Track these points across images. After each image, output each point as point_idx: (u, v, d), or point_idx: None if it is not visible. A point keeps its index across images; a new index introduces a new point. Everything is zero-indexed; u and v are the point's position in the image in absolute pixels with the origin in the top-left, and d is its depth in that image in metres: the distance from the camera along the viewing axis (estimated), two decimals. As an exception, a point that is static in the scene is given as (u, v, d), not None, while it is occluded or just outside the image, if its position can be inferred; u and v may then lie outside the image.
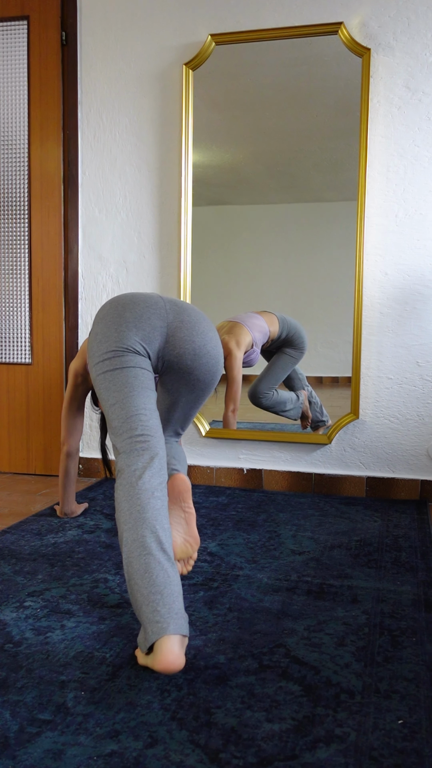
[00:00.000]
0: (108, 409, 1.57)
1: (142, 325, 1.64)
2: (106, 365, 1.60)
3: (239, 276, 2.94)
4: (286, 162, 2.81)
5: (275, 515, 2.40)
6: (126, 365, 1.59)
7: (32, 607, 1.60)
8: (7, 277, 3.05)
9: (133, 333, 1.62)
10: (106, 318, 1.67)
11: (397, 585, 1.76)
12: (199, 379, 1.73)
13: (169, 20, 2.75)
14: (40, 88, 2.92)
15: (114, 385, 1.57)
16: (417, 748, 1.08)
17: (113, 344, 1.61)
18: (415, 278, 2.59)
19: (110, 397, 1.57)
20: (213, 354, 1.73)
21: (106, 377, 1.59)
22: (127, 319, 1.64)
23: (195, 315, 1.74)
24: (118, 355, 1.60)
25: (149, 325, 1.65)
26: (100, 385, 1.60)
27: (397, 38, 2.53)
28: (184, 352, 1.68)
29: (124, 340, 1.61)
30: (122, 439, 1.52)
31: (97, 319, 1.71)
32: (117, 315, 1.65)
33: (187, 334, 1.68)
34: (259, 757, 1.05)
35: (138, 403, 1.55)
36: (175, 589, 1.33)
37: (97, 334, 1.66)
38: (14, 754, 1.05)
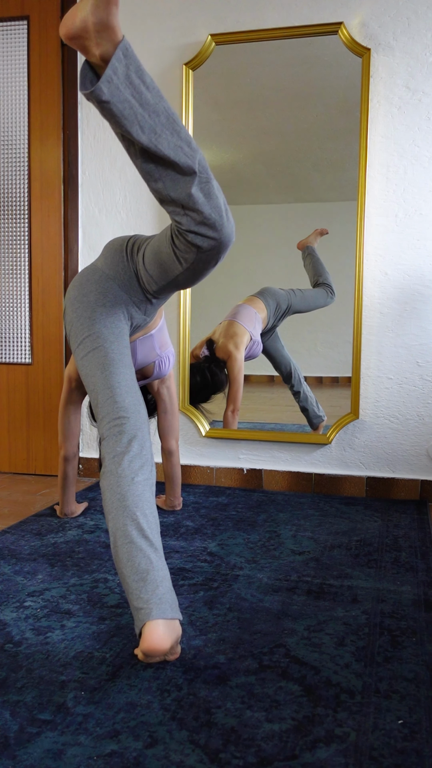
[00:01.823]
0: (91, 395, 1.62)
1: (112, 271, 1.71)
2: (84, 347, 1.65)
3: (239, 276, 2.94)
4: (286, 162, 2.81)
5: (275, 515, 2.40)
6: (100, 342, 1.63)
7: (32, 607, 1.60)
8: (7, 277, 3.05)
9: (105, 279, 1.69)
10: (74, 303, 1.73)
11: (397, 585, 1.76)
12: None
13: (169, 20, 2.75)
14: (40, 88, 2.92)
15: (91, 370, 1.62)
16: (417, 748, 1.08)
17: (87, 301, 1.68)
18: (415, 278, 2.59)
19: (89, 383, 1.63)
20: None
21: (84, 361, 1.65)
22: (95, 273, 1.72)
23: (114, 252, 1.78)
24: (86, 330, 1.65)
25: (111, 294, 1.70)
26: (82, 371, 1.66)
27: (397, 38, 2.53)
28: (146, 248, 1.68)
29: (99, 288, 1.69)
30: (102, 425, 1.56)
31: (67, 304, 1.76)
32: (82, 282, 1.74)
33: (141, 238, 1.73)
34: (259, 757, 1.05)
35: (113, 382, 1.58)
36: (159, 574, 1.35)
37: (67, 303, 1.74)
38: (14, 754, 1.05)
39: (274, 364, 2.85)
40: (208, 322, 2.83)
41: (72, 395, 2.24)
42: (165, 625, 1.28)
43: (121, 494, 1.43)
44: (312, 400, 2.80)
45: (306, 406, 2.80)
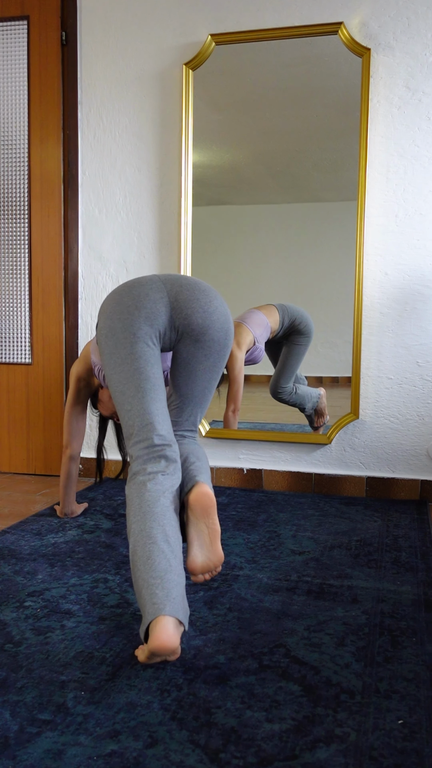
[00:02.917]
0: (123, 413, 1.59)
1: (144, 303, 1.62)
2: (116, 361, 1.60)
3: (239, 276, 2.94)
4: (286, 162, 2.81)
5: (275, 515, 2.40)
6: (136, 360, 1.58)
7: (32, 607, 1.60)
8: (7, 277, 3.05)
9: (136, 316, 1.61)
10: (108, 310, 1.66)
11: (397, 585, 1.76)
12: (213, 338, 1.67)
13: (169, 20, 2.75)
14: (40, 88, 2.92)
15: (128, 389, 1.58)
16: (417, 748, 1.08)
17: (120, 336, 1.60)
18: (415, 278, 2.59)
19: (125, 402, 1.58)
20: (221, 310, 1.70)
21: (119, 377, 1.59)
22: (128, 305, 1.62)
23: (193, 279, 1.74)
24: (128, 348, 1.59)
25: (150, 301, 1.63)
26: (114, 386, 1.61)
27: (397, 38, 2.53)
28: (192, 311, 1.65)
29: (130, 327, 1.60)
30: (139, 447, 1.55)
31: (101, 314, 1.69)
32: (117, 303, 1.64)
33: (190, 294, 1.66)
34: (259, 757, 1.05)
35: (152, 409, 1.57)
36: (176, 579, 1.35)
37: (102, 329, 1.65)
38: (14, 754, 1.05)
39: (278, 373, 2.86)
40: (208, 322, 2.83)
41: (80, 395, 2.23)
42: (175, 625, 1.28)
43: (152, 501, 1.46)
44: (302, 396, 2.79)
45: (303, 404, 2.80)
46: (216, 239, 2.93)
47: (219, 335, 1.68)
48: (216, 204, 2.92)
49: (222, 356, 1.72)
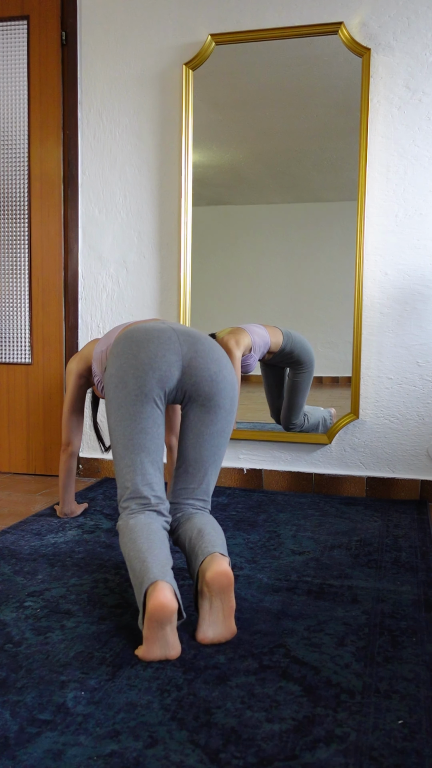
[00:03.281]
0: (122, 467, 1.65)
1: (159, 364, 1.65)
2: (123, 416, 1.64)
3: (239, 276, 2.94)
4: (286, 162, 2.81)
5: (275, 515, 2.40)
6: (144, 420, 1.63)
7: (32, 607, 1.60)
8: (7, 277, 3.05)
9: (150, 376, 1.64)
10: (122, 358, 1.67)
11: (397, 585, 1.76)
12: (219, 405, 1.71)
13: (169, 20, 2.75)
14: (40, 88, 2.92)
15: (130, 446, 1.63)
16: (417, 748, 1.08)
17: (132, 392, 1.63)
18: (415, 278, 2.60)
19: (125, 458, 1.64)
20: (230, 380, 1.74)
21: (123, 432, 1.64)
22: (143, 362, 1.64)
23: (208, 343, 1.74)
24: (137, 406, 1.63)
25: (165, 363, 1.65)
26: (117, 440, 1.66)
27: (397, 38, 2.53)
28: (201, 379, 1.68)
29: (142, 387, 1.63)
30: (134, 502, 1.62)
31: (113, 357, 1.70)
32: (132, 356, 1.65)
33: (203, 362, 1.69)
34: (259, 757, 1.05)
35: (152, 470, 1.64)
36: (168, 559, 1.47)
37: (112, 377, 1.67)
38: (14, 754, 1.05)
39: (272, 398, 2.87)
40: (208, 321, 2.83)
41: (79, 392, 2.24)
42: (172, 592, 1.36)
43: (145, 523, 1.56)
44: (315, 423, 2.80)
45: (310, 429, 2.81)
46: (216, 239, 2.93)
47: (225, 402, 1.72)
48: (216, 204, 2.92)
49: (228, 423, 1.75)
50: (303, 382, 2.78)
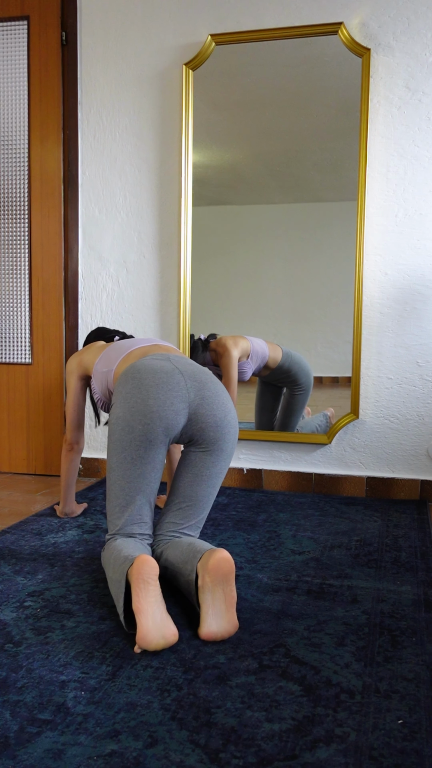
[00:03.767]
0: (115, 505, 1.68)
1: (166, 413, 1.66)
2: (125, 459, 1.66)
3: (239, 276, 2.94)
4: (286, 162, 2.81)
5: (275, 515, 2.40)
6: (145, 465, 1.66)
7: (32, 607, 1.60)
8: (7, 277, 3.05)
9: (157, 424, 1.65)
10: (129, 402, 1.67)
11: (397, 585, 1.76)
12: (223, 449, 1.74)
13: (169, 20, 2.75)
14: (40, 88, 2.92)
15: (128, 487, 1.67)
16: (417, 748, 1.08)
17: (138, 437, 1.65)
18: (415, 278, 2.60)
19: (121, 498, 1.67)
20: (233, 424, 1.77)
21: (123, 473, 1.67)
22: (152, 409, 1.65)
23: (214, 388, 1.75)
24: (140, 451, 1.65)
25: (173, 412, 1.66)
26: (114, 479, 1.68)
27: (397, 38, 2.53)
28: (206, 426, 1.71)
29: (149, 434, 1.65)
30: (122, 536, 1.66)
31: (120, 398, 1.70)
32: (141, 402, 1.66)
33: (209, 409, 1.71)
34: (259, 757, 1.05)
35: (145, 510, 1.68)
36: None
37: (119, 420, 1.67)
38: (14, 754, 1.05)
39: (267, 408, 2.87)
40: (208, 321, 2.83)
41: (81, 391, 2.22)
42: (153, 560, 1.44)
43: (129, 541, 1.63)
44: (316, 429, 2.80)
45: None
46: (216, 239, 2.93)
47: (227, 446, 1.75)
48: (216, 204, 2.92)
49: (227, 464, 1.78)
50: (299, 403, 2.80)
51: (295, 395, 2.80)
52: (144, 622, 1.35)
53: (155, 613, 1.37)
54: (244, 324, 2.90)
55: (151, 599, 1.38)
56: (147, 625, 1.35)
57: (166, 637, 1.36)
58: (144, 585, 1.37)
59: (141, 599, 1.37)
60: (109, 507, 1.70)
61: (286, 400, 2.82)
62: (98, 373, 2.02)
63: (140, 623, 1.36)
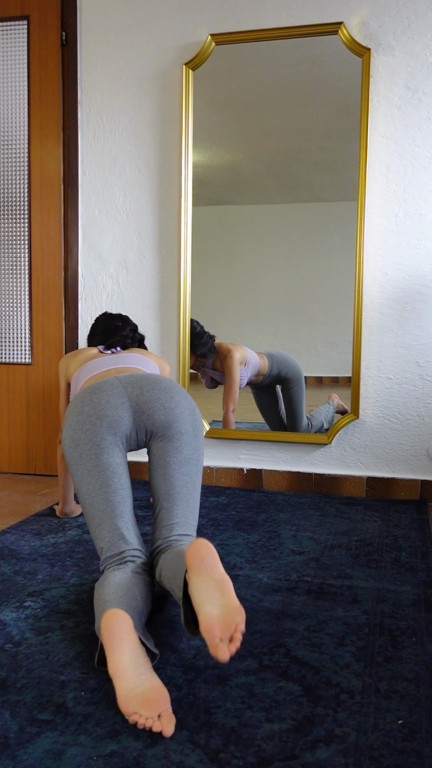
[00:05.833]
0: (93, 526, 1.58)
1: (105, 411, 1.63)
2: (83, 473, 1.60)
3: (239, 276, 2.94)
4: (286, 162, 2.81)
5: (275, 515, 2.40)
6: (103, 472, 1.58)
7: (32, 607, 1.60)
8: (7, 277, 3.05)
9: (98, 426, 1.61)
10: (69, 419, 1.66)
11: (397, 585, 1.76)
12: (181, 431, 1.65)
13: (169, 20, 2.75)
14: (40, 88, 2.92)
15: (96, 502, 1.57)
16: (417, 748, 1.08)
17: (85, 447, 1.60)
18: (415, 278, 2.59)
19: (95, 516, 1.58)
20: (185, 404, 1.69)
21: (87, 491, 1.60)
22: (89, 415, 1.62)
23: (153, 378, 1.72)
24: (93, 460, 1.59)
25: (111, 407, 1.63)
26: (83, 498, 1.61)
27: (397, 38, 2.53)
28: (153, 410, 1.65)
29: (94, 438, 1.60)
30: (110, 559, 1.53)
31: (65, 424, 1.69)
32: (79, 413, 1.64)
33: (150, 395, 1.67)
34: (259, 757, 1.05)
35: (121, 523, 1.56)
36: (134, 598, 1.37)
37: (66, 440, 1.66)
38: (14, 754, 1.05)
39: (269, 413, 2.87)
40: (208, 321, 2.83)
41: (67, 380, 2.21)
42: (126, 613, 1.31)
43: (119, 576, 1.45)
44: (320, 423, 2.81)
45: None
46: (216, 239, 2.93)
47: (186, 427, 1.67)
48: (216, 204, 2.92)
49: (195, 448, 1.68)
50: (296, 394, 2.81)
51: (289, 389, 2.81)
52: (121, 686, 1.15)
53: (132, 674, 1.17)
54: (244, 324, 2.90)
55: (126, 657, 1.18)
56: (125, 689, 1.15)
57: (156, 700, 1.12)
58: (117, 642, 1.19)
59: (113, 655, 1.18)
60: (91, 533, 1.60)
61: (285, 396, 2.82)
62: (73, 389, 2.06)
63: (117, 688, 1.15)
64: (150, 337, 2.87)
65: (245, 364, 2.77)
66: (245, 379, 2.79)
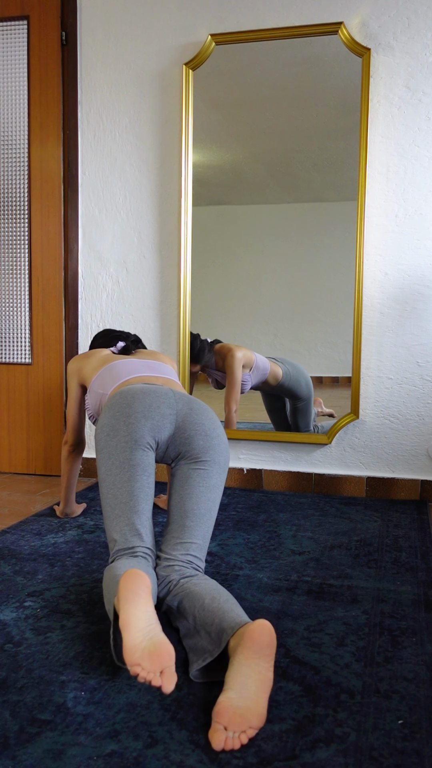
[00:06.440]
0: (111, 517, 1.56)
1: (152, 414, 1.63)
2: (113, 464, 1.59)
3: (239, 276, 2.94)
4: (286, 162, 2.81)
5: (275, 515, 2.40)
6: (133, 467, 1.58)
7: (32, 607, 1.60)
8: (7, 277, 3.05)
9: (142, 424, 1.61)
10: (114, 408, 1.65)
11: (397, 585, 1.76)
12: (215, 460, 1.66)
13: (169, 20, 2.75)
14: (40, 88, 2.92)
15: (120, 494, 1.57)
16: (417, 748, 1.08)
17: (123, 439, 1.60)
18: (415, 278, 2.60)
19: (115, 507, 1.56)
20: (224, 439, 1.71)
21: (113, 482, 1.59)
22: (137, 410, 1.63)
23: (203, 405, 1.74)
24: (127, 451, 1.59)
25: (159, 414, 1.64)
26: (106, 488, 1.60)
27: (397, 38, 2.53)
28: (195, 433, 1.65)
29: (133, 433, 1.60)
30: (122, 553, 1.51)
31: (106, 409, 1.68)
32: (126, 405, 1.64)
33: (197, 418, 1.68)
34: (259, 757, 1.05)
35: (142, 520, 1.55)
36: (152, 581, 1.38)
37: (103, 426, 1.65)
38: (14, 754, 1.05)
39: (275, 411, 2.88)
40: (208, 321, 2.83)
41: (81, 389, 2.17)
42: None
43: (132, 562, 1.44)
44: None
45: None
46: (216, 239, 2.93)
47: (220, 458, 1.67)
48: (216, 204, 2.92)
49: (221, 481, 1.68)
50: (302, 411, 2.82)
51: (297, 406, 2.81)
52: (130, 637, 1.15)
53: (143, 627, 1.17)
54: (245, 324, 2.90)
55: (140, 612, 1.19)
56: (133, 640, 1.15)
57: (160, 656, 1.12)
58: (133, 596, 1.20)
59: (128, 613, 1.18)
60: (106, 524, 1.59)
61: (292, 407, 2.82)
62: (93, 391, 2.00)
63: (125, 639, 1.15)
64: (150, 337, 2.87)
65: (250, 369, 2.76)
66: (248, 383, 2.77)
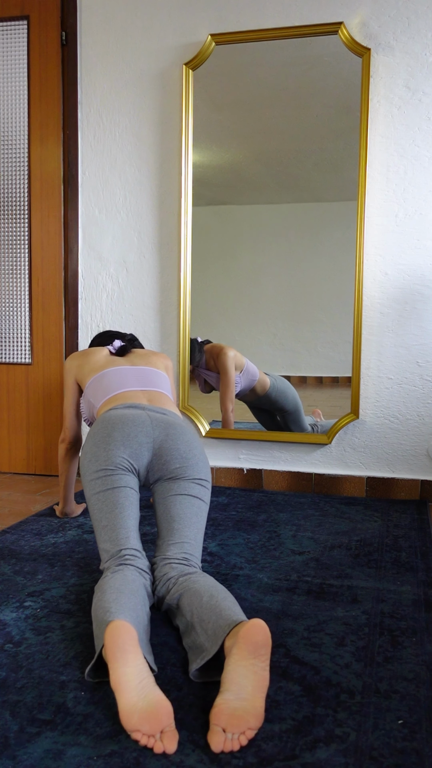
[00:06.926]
0: (99, 529, 1.64)
1: (130, 443, 1.71)
2: (97, 485, 1.68)
3: (239, 276, 2.94)
4: (286, 162, 2.81)
5: (275, 515, 2.40)
6: (116, 485, 1.67)
7: (32, 607, 1.60)
8: (7, 277, 3.05)
9: (121, 451, 1.70)
10: (96, 437, 1.75)
11: (397, 585, 1.76)
12: (192, 478, 1.71)
13: (169, 20, 2.75)
14: (40, 88, 2.92)
15: (106, 506, 1.65)
16: (417, 748, 1.08)
17: (103, 463, 1.69)
18: (415, 278, 2.60)
19: (102, 518, 1.64)
20: (201, 458, 1.76)
21: (98, 498, 1.67)
22: (116, 439, 1.72)
23: (180, 428, 1.78)
24: (108, 473, 1.68)
25: (136, 442, 1.72)
26: (93, 505, 1.68)
27: (397, 38, 2.53)
28: (171, 458, 1.72)
29: (113, 458, 1.69)
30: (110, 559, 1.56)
31: (89, 437, 1.78)
32: (107, 435, 1.73)
33: (173, 444, 1.74)
34: (259, 757, 1.05)
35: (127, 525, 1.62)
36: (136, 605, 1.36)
37: (86, 453, 1.75)
38: (14, 754, 1.05)
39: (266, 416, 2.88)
40: (208, 321, 2.83)
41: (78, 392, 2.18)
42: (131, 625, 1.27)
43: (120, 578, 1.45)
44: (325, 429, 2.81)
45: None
46: (216, 239, 2.93)
47: (197, 475, 1.73)
48: (216, 204, 2.92)
49: (203, 494, 1.72)
50: (292, 421, 2.82)
51: (285, 418, 2.82)
52: (124, 699, 1.11)
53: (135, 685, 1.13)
54: (244, 323, 2.90)
55: (130, 669, 1.14)
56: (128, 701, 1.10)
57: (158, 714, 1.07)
58: (121, 654, 1.15)
59: (119, 673, 1.14)
60: (97, 540, 1.64)
61: (282, 420, 2.84)
62: (87, 396, 2.05)
63: (119, 701, 1.11)
64: (150, 338, 2.87)
65: (240, 371, 2.77)
66: (238, 385, 2.78)
